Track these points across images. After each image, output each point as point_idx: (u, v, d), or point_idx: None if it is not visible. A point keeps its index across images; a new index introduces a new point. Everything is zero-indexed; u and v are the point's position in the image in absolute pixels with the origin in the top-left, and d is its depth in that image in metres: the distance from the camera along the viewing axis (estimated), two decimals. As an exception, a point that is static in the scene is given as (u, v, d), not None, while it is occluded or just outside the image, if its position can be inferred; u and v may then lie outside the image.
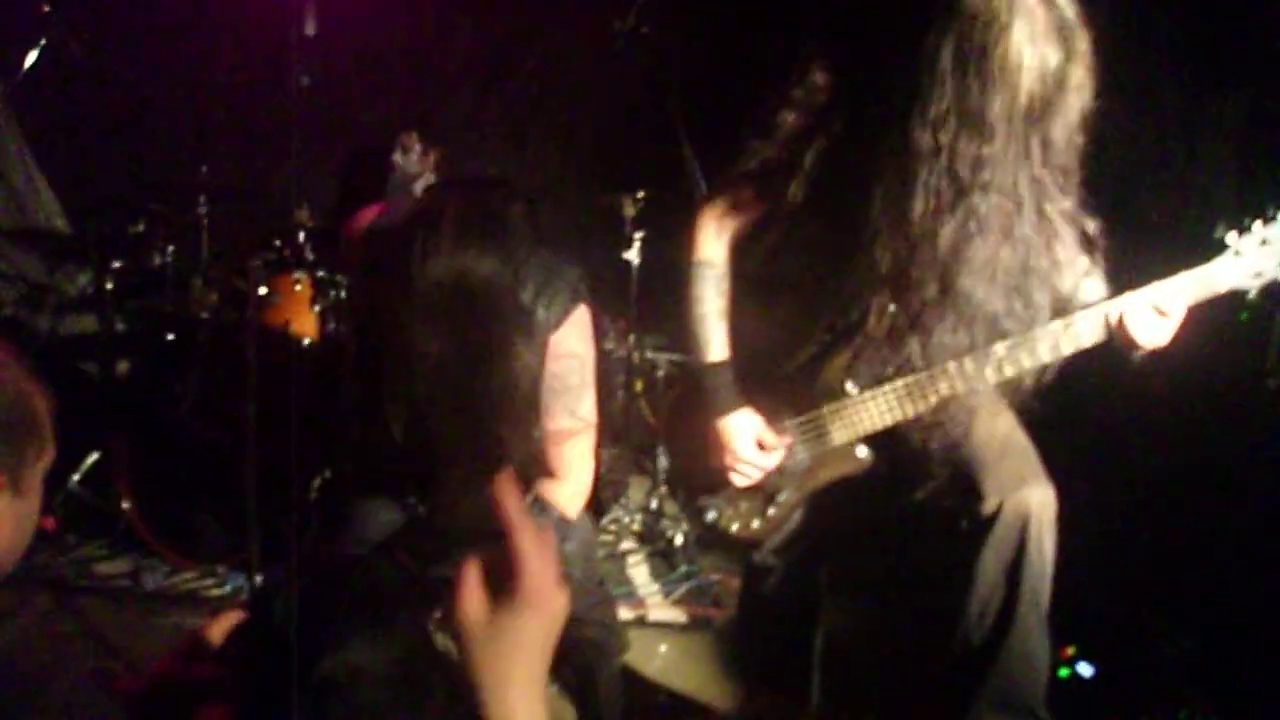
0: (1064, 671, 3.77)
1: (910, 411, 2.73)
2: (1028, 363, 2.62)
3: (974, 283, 2.51)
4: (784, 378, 2.90)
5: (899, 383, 2.73)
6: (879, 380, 2.76)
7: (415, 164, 5.51)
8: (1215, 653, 3.74)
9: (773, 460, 2.89)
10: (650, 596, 4.56)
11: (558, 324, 2.85)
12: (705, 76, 5.50)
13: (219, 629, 2.05)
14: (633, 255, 4.96)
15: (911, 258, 2.52)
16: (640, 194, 5.00)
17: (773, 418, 2.91)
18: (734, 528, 3.01)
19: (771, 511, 2.97)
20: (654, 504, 5.03)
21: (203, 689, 1.99)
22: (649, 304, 4.99)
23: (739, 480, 2.92)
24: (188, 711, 1.90)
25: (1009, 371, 2.63)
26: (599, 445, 3.05)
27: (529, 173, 5.13)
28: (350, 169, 6.02)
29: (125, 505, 4.57)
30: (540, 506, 2.88)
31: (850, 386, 2.79)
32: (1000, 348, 2.61)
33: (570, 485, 2.95)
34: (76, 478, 4.74)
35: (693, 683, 3.98)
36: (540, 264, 2.87)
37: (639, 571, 4.77)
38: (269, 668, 1.70)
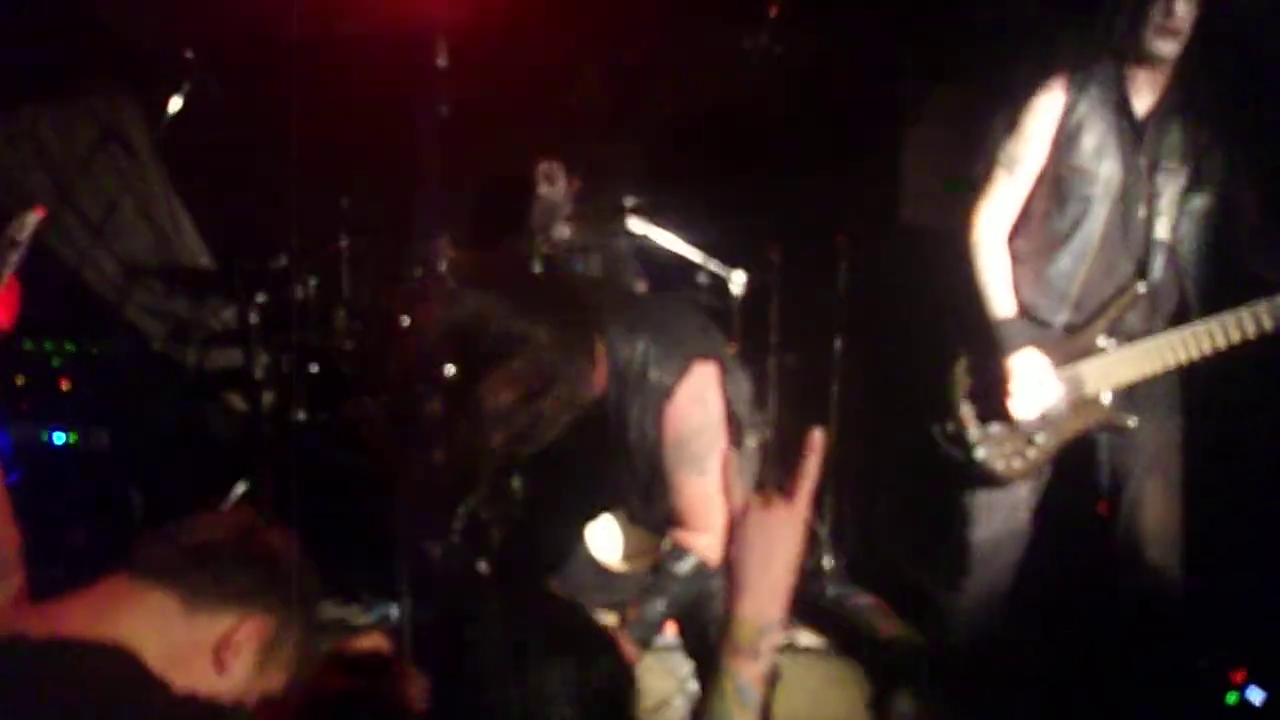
0: (1233, 698, 3.62)
1: (1154, 366, 3.33)
2: (1251, 330, 3.19)
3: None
4: (1048, 339, 3.43)
5: (1145, 342, 3.34)
6: (1132, 339, 3.37)
7: (560, 194, 5.54)
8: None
9: (1050, 395, 3.38)
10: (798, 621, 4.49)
11: (674, 387, 2.70)
12: (839, 94, 5.44)
13: (355, 648, 2.06)
14: (774, 274, 4.89)
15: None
16: (774, 215, 4.95)
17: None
18: (999, 465, 3.47)
19: (1031, 453, 3.46)
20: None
21: (344, 703, 1.99)
22: (792, 321, 4.94)
23: (1021, 410, 3.37)
24: None
25: (1234, 337, 3.21)
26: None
27: (662, 194, 5.11)
28: (487, 199, 6.06)
29: (273, 535, 4.61)
30: (679, 553, 2.78)
31: (1104, 342, 3.38)
32: (1227, 313, 3.24)
33: (709, 535, 2.80)
34: (226, 507, 4.80)
35: (843, 709, 3.90)
36: (651, 324, 2.77)
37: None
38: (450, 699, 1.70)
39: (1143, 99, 3.30)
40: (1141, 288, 3.33)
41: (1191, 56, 3.21)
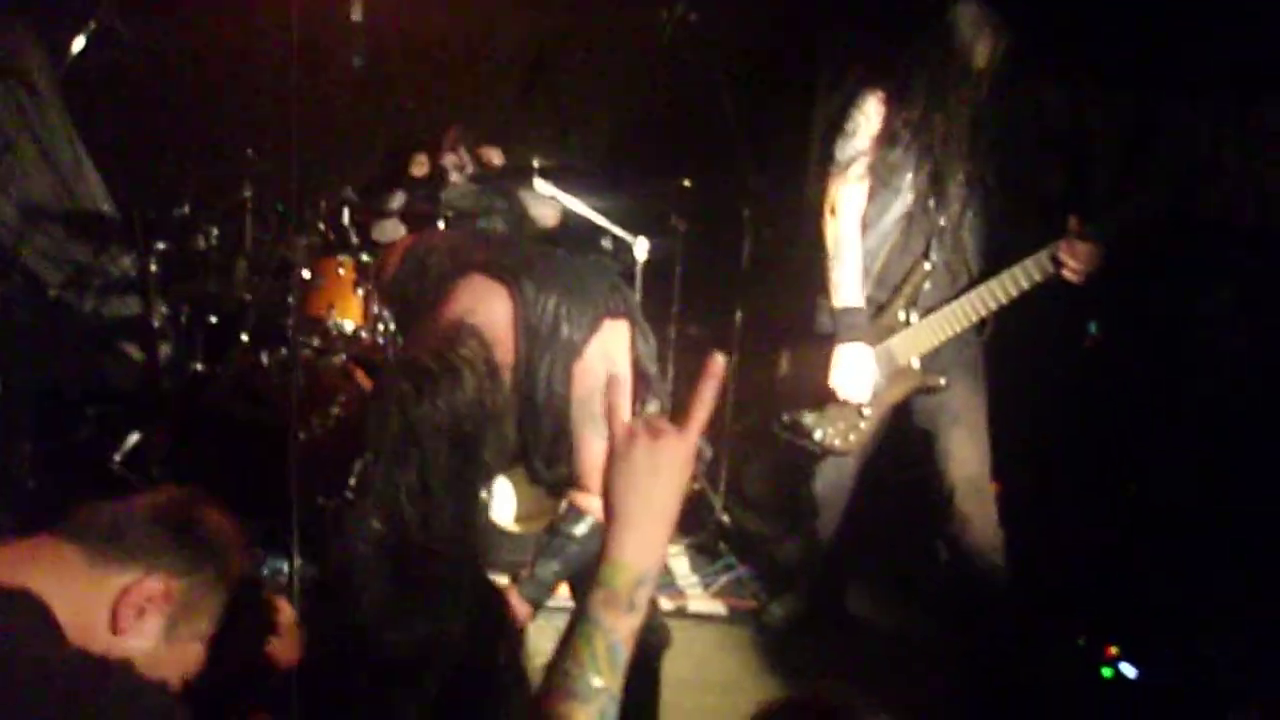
0: (1108, 672, 3.73)
1: (949, 332, 3.72)
2: (1014, 290, 3.61)
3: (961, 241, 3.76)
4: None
5: (939, 312, 3.73)
6: (929, 311, 3.75)
7: (459, 164, 5.51)
8: (1265, 655, 3.66)
9: (870, 375, 3.72)
10: (690, 588, 4.54)
11: (583, 344, 2.70)
12: (752, 63, 5.47)
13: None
14: (678, 243, 4.91)
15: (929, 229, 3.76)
16: (686, 182, 4.97)
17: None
18: (838, 442, 3.86)
19: (864, 425, 3.85)
20: (695, 491, 5.01)
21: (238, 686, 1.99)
22: (694, 291, 4.97)
23: (855, 397, 3.73)
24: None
25: (1004, 297, 3.63)
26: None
27: (571, 158, 5.13)
28: (388, 160, 6.02)
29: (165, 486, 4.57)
30: (575, 514, 2.77)
31: (904, 316, 3.76)
32: (995, 279, 3.64)
33: None
34: (117, 458, 4.74)
35: (731, 675, 3.96)
36: (564, 280, 2.75)
37: (679, 563, 4.76)
38: (332, 652, 1.68)
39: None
40: (927, 265, 3.74)
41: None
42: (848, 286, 3.74)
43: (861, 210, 3.78)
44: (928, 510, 3.90)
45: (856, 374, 3.71)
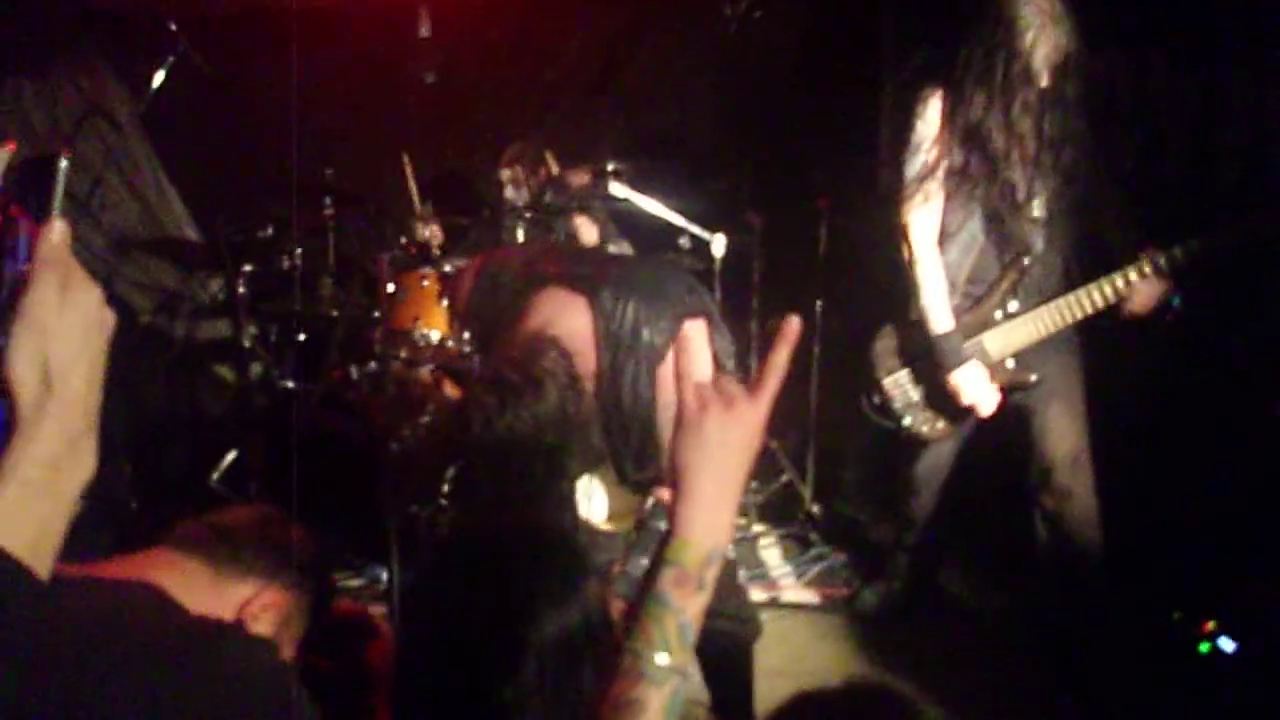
0: (1205, 647, 3.68)
1: (1047, 330, 3.65)
2: (1112, 295, 3.56)
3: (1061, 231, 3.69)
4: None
5: (1036, 310, 3.66)
6: (1024, 309, 3.68)
7: (524, 197, 5.54)
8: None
9: (996, 390, 3.71)
10: (783, 578, 4.56)
11: (665, 347, 2.72)
12: (818, 55, 5.48)
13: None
14: (754, 238, 4.93)
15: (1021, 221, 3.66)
16: (758, 177, 4.99)
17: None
18: (925, 429, 3.87)
19: (951, 413, 3.82)
20: (784, 482, 5.06)
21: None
22: (773, 285, 4.99)
23: (989, 409, 3.71)
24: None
25: (1101, 302, 3.58)
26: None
27: (644, 159, 5.15)
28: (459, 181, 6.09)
29: (262, 501, 4.68)
30: (662, 510, 2.81)
31: (999, 315, 3.70)
32: (1094, 283, 3.58)
33: None
34: (215, 476, 4.87)
35: (825, 663, 3.97)
36: (641, 285, 2.79)
37: (771, 553, 4.78)
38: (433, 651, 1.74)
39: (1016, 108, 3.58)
40: (1026, 261, 3.66)
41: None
42: (937, 311, 3.70)
43: (937, 228, 3.72)
44: (1020, 488, 3.87)
45: (981, 390, 3.70)
